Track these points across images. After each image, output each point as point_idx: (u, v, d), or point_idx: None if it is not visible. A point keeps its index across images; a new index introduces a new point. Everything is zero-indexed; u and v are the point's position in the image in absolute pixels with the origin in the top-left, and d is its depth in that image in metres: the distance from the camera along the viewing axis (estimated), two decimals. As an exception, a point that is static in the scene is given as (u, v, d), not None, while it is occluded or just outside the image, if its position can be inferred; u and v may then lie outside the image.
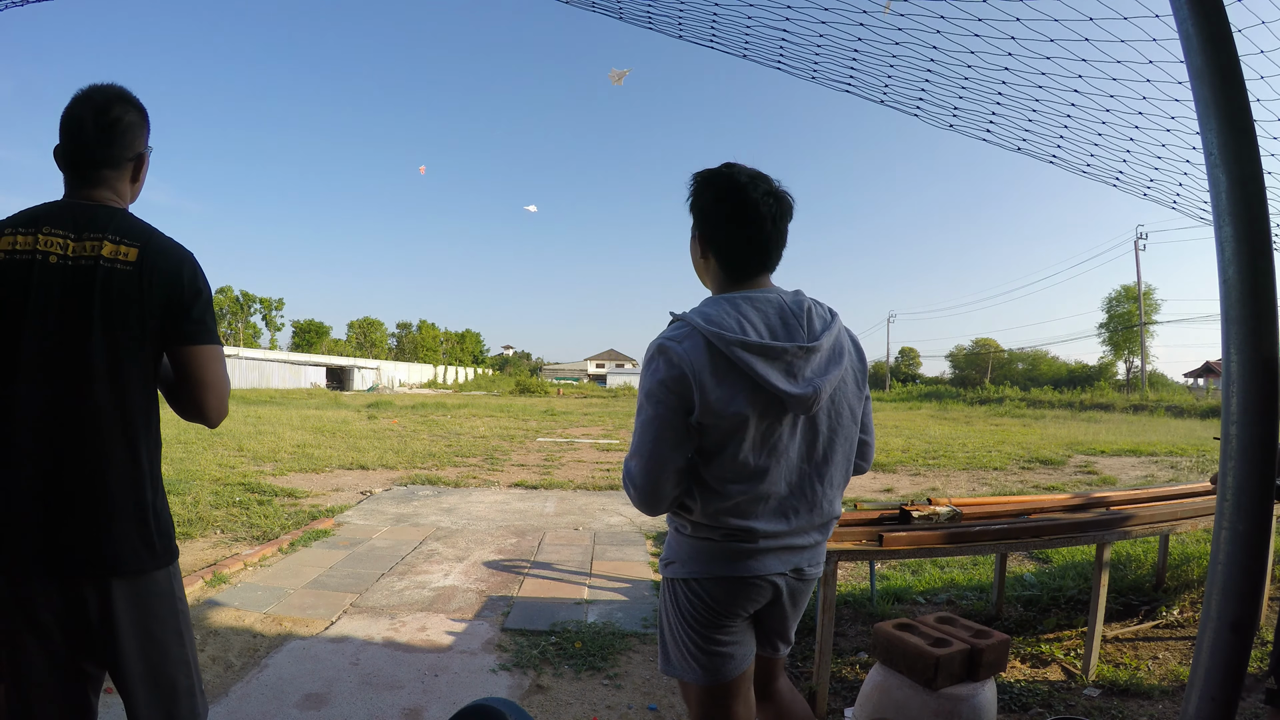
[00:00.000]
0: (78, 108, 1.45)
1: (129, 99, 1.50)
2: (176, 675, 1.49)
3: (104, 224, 1.40)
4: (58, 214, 1.40)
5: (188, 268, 1.45)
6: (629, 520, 6.53)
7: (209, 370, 1.46)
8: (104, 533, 1.37)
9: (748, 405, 1.39)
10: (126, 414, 1.40)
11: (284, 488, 7.67)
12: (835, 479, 1.56)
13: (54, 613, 1.37)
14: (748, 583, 1.51)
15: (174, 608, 1.50)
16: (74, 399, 1.35)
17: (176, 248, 1.47)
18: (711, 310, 1.44)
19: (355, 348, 76.99)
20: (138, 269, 1.38)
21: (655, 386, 1.40)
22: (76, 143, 1.45)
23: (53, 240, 1.36)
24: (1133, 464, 11.54)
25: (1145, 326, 41.72)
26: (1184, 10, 0.84)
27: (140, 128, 1.52)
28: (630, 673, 3.18)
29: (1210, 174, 0.83)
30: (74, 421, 1.36)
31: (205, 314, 1.46)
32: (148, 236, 1.43)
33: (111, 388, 1.37)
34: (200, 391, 1.45)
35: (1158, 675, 3.19)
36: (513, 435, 15.28)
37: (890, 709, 2.24)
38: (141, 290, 1.38)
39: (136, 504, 1.41)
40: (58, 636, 1.38)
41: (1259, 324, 0.79)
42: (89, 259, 1.36)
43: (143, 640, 1.43)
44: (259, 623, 3.62)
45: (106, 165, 1.47)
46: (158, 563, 1.45)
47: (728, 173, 1.51)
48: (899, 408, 35.21)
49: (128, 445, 1.40)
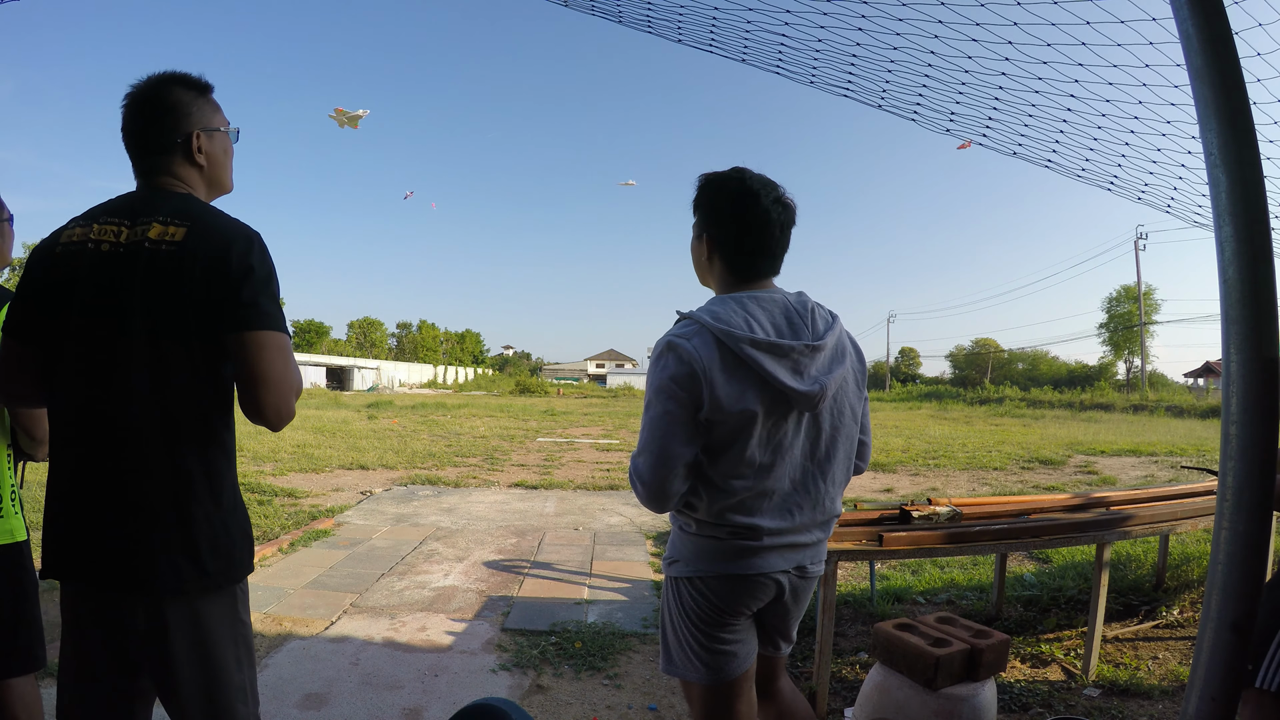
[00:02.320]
0: (126, 100, 1.37)
1: (175, 78, 1.38)
2: (234, 703, 1.35)
3: (157, 207, 1.29)
4: (118, 204, 1.32)
5: (240, 243, 1.26)
6: (629, 520, 6.54)
7: (264, 361, 1.25)
8: (139, 547, 1.24)
9: (756, 402, 1.41)
10: (169, 415, 1.24)
11: (284, 488, 7.68)
12: (837, 477, 1.58)
13: (101, 626, 1.29)
14: (752, 580, 1.51)
15: (236, 631, 1.36)
16: (107, 398, 1.23)
17: (232, 224, 1.30)
18: (719, 309, 1.46)
19: (355, 348, 76.90)
20: (180, 248, 1.23)
21: (665, 383, 1.41)
22: (127, 134, 1.37)
23: (107, 229, 1.26)
24: (1133, 464, 11.53)
25: (1145, 326, 41.74)
26: (1184, 10, 0.84)
27: (190, 105, 1.38)
28: (630, 673, 3.18)
29: (1210, 174, 0.83)
30: (106, 424, 1.23)
31: (259, 296, 1.26)
32: (202, 215, 1.28)
33: (152, 385, 1.22)
34: (256, 387, 1.25)
35: (1158, 675, 3.19)
36: (513, 435, 15.28)
37: (890, 709, 2.24)
38: (183, 271, 1.22)
39: (180, 517, 1.25)
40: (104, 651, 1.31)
41: (1259, 324, 0.79)
42: (136, 243, 1.24)
43: (200, 665, 1.30)
44: (259, 623, 3.62)
45: (155, 151, 1.36)
46: (208, 584, 1.28)
47: (739, 178, 1.52)
48: (899, 408, 35.19)
49: (168, 450, 1.24)
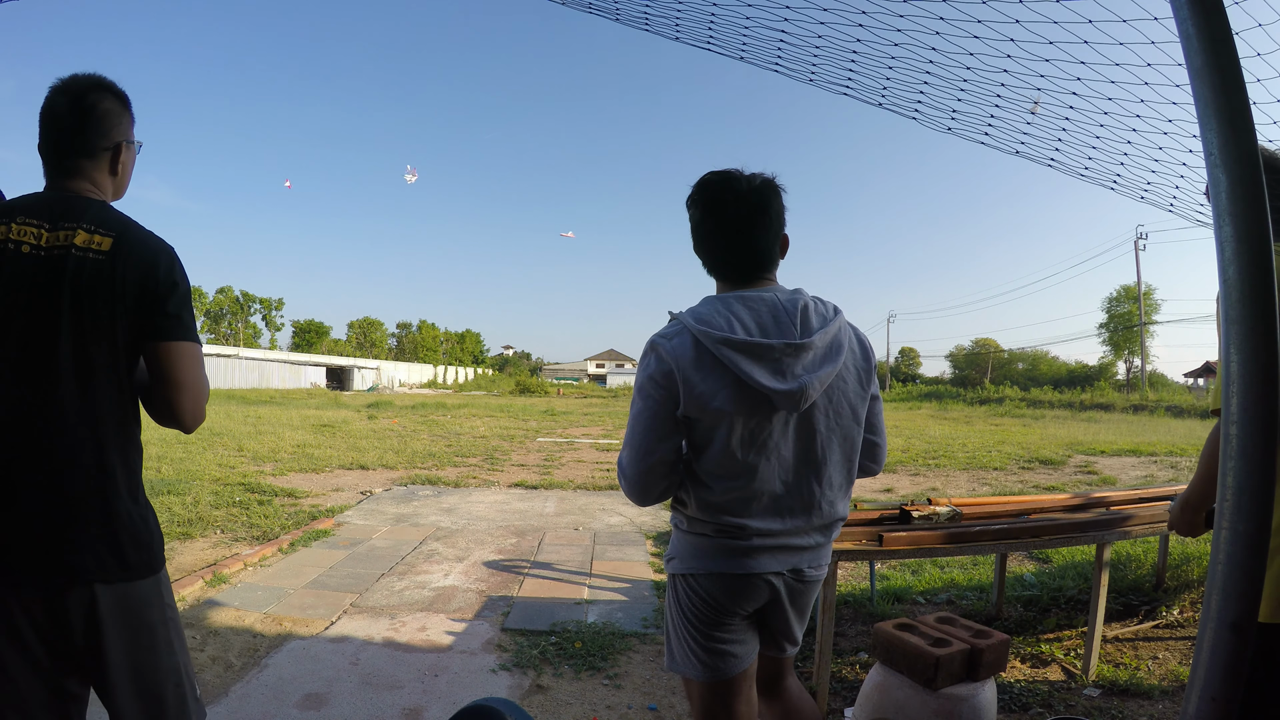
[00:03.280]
0: (54, 96, 1.39)
1: (106, 85, 1.42)
2: (165, 686, 1.41)
3: (79, 213, 1.33)
4: (34, 204, 1.33)
5: (164, 259, 1.37)
6: (629, 520, 6.53)
7: (183, 369, 1.35)
8: (65, 542, 1.28)
9: (730, 401, 1.42)
10: (95, 415, 1.30)
11: (284, 488, 7.67)
12: (835, 480, 1.54)
13: (35, 624, 1.29)
14: (742, 580, 1.51)
15: (163, 615, 1.41)
16: (38, 398, 1.27)
17: (154, 239, 1.39)
18: (704, 309, 1.49)
19: (355, 348, 76.99)
20: (110, 259, 1.30)
21: (645, 381, 1.48)
22: (51, 132, 1.38)
23: (26, 230, 1.29)
24: (1133, 464, 11.53)
25: (1145, 326, 41.74)
26: (1184, 10, 0.84)
27: (119, 116, 1.44)
28: (630, 673, 3.18)
29: (1210, 174, 0.83)
30: (36, 422, 1.27)
31: (182, 309, 1.37)
32: (124, 226, 1.35)
33: (79, 386, 1.28)
34: (173, 392, 1.35)
35: (1158, 675, 3.19)
36: (513, 435, 15.28)
37: (890, 709, 2.24)
38: (114, 281, 1.29)
39: (104, 513, 1.31)
40: (40, 651, 1.29)
41: (1259, 324, 0.79)
42: (61, 248, 1.29)
43: (129, 649, 1.35)
44: (259, 623, 3.62)
45: (82, 154, 1.39)
46: (131, 574, 1.34)
47: (703, 182, 1.57)
48: (899, 408, 35.21)
49: (96, 449, 1.30)
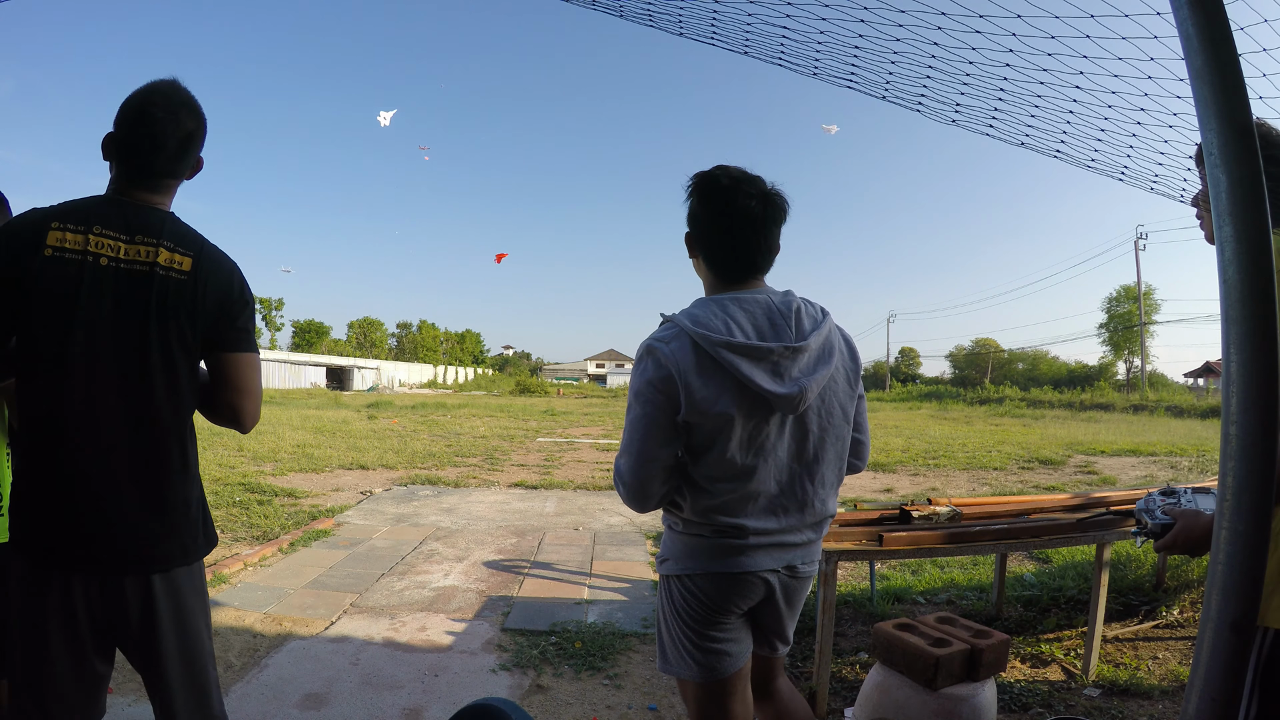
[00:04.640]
0: (154, 111, 1.42)
1: (196, 110, 1.49)
2: (208, 667, 1.53)
3: (157, 229, 1.41)
4: (108, 214, 1.39)
5: (237, 279, 1.51)
6: (629, 520, 6.53)
7: (248, 377, 1.52)
8: (162, 529, 1.42)
9: (733, 405, 1.41)
10: (179, 415, 1.45)
11: (284, 488, 7.68)
12: (827, 478, 1.57)
13: (90, 608, 1.38)
14: (739, 578, 1.52)
15: (204, 601, 1.55)
16: (135, 399, 1.39)
17: (226, 259, 1.52)
18: (699, 311, 1.47)
19: (355, 348, 76.91)
20: (192, 279, 1.42)
21: (643, 386, 1.44)
22: (148, 150, 1.43)
23: (104, 242, 1.36)
24: (1133, 464, 11.54)
25: (1145, 326, 41.73)
26: (1184, 10, 0.84)
27: (202, 138, 1.52)
28: (630, 673, 3.18)
29: (1210, 174, 0.82)
30: (134, 421, 1.39)
31: (249, 323, 1.53)
32: (200, 246, 1.47)
33: (168, 389, 1.42)
34: (239, 398, 1.51)
35: (1158, 675, 3.19)
36: (513, 435, 15.28)
37: (890, 709, 2.24)
38: (195, 299, 1.42)
39: (184, 500, 1.47)
40: (86, 633, 1.38)
41: (1259, 324, 0.79)
42: (144, 264, 1.39)
43: (180, 634, 1.47)
44: (259, 623, 3.63)
45: (171, 176, 1.48)
46: (200, 555, 1.51)
47: (713, 175, 1.53)
48: (899, 408, 35.20)
49: (180, 445, 1.45)
